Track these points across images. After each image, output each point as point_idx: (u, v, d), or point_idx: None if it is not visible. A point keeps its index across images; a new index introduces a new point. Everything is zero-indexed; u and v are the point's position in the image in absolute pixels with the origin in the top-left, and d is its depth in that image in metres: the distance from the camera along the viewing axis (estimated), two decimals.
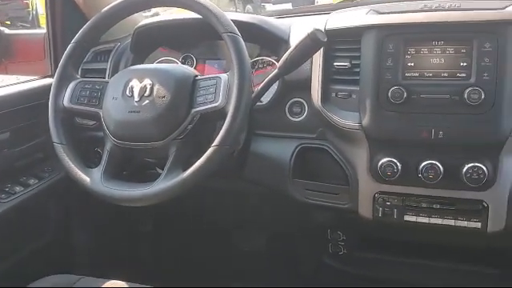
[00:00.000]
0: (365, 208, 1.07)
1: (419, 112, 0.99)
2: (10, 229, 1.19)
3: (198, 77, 1.01)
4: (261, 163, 1.18)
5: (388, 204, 1.05)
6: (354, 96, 1.06)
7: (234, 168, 1.19)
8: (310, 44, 0.97)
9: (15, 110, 1.23)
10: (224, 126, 0.91)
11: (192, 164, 0.92)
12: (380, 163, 1.02)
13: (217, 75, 0.98)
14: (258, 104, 1.13)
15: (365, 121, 1.03)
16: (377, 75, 1.01)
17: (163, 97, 0.97)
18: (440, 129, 0.98)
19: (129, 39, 1.32)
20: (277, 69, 1.02)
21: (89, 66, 1.34)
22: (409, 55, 1.00)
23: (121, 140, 1.00)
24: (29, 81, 1.36)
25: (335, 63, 1.08)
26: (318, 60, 1.09)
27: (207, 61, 1.32)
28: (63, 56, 1.09)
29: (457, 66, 0.98)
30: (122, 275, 1.05)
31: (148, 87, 0.98)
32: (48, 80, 1.35)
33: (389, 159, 1.02)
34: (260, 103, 1.15)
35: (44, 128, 1.10)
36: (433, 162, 0.99)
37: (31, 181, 1.25)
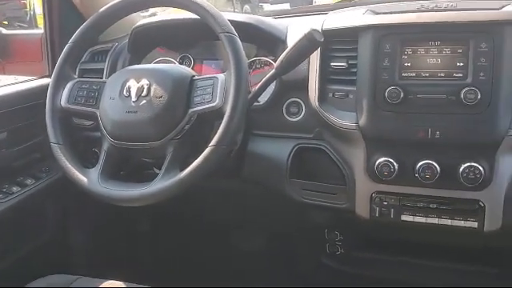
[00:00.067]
0: (362, 208, 1.07)
1: (416, 112, 1.00)
2: (8, 229, 1.19)
3: (196, 77, 1.01)
4: (258, 163, 1.19)
5: (385, 204, 1.05)
6: (351, 96, 1.06)
7: (232, 168, 1.19)
8: (307, 44, 0.98)
9: (12, 110, 1.23)
10: (221, 126, 0.91)
11: (189, 164, 0.92)
12: (377, 163, 1.02)
13: (214, 75, 0.98)
14: (256, 104, 1.13)
15: (362, 121, 1.03)
16: (374, 75, 1.01)
17: (160, 97, 0.97)
18: (437, 129, 0.98)
19: (126, 39, 1.32)
20: (274, 69, 1.02)
21: (86, 66, 1.34)
22: (405, 55, 1.00)
23: (118, 140, 1.00)
24: (26, 81, 1.35)
25: (332, 63, 1.09)
26: (315, 60, 1.09)
27: (205, 61, 1.32)
28: (60, 56, 1.09)
29: (453, 66, 0.98)
30: (120, 275, 1.05)
31: (145, 87, 0.98)
32: (45, 80, 1.35)
33: (386, 159, 1.02)
34: (257, 103, 1.15)
35: (41, 128, 1.09)
36: (429, 162, 0.99)
37: (28, 181, 1.25)
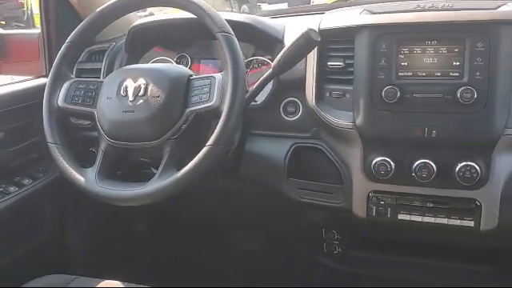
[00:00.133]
0: (359, 207, 1.07)
1: (412, 111, 1.00)
2: (5, 229, 1.19)
3: (193, 76, 1.01)
4: (256, 162, 1.19)
5: (382, 203, 1.05)
6: (348, 95, 1.06)
7: (229, 168, 1.19)
8: (304, 44, 0.98)
9: (9, 110, 1.22)
10: (218, 126, 0.91)
11: (186, 164, 0.92)
12: (374, 162, 1.03)
13: (211, 75, 0.98)
14: (253, 103, 1.13)
15: (358, 120, 1.03)
16: (370, 75, 1.02)
17: (157, 96, 0.97)
18: (433, 128, 0.98)
19: (123, 39, 1.32)
20: (271, 68, 1.02)
21: (83, 66, 1.34)
22: (402, 55, 1.01)
23: (115, 140, 1.00)
24: (23, 81, 1.35)
25: (329, 63, 1.09)
26: (312, 60, 1.09)
27: (202, 60, 1.32)
28: (57, 56, 1.09)
29: (449, 66, 0.98)
30: (117, 275, 1.05)
31: (142, 87, 0.98)
32: (42, 80, 1.35)
33: (382, 158, 1.02)
34: (254, 103, 1.15)
35: (38, 128, 1.09)
36: (426, 161, 0.99)
37: (25, 181, 1.25)
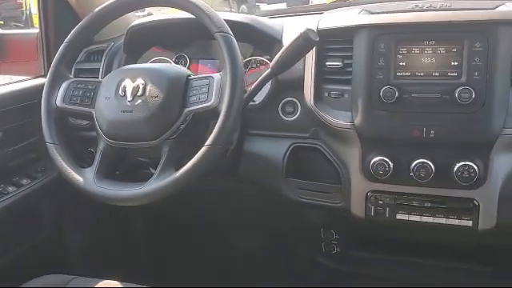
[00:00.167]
0: (357, 207, 1.07)
1: (411, 111, 1.00)
2: (3, 229, 1.19)
3: (191, 76, 1.01)
4: (254, 162, 1.19)
5: (380, 203, 1.05)
6: (347, 95, 1.07)
7: (228, 167, 1.19)
8: (303, 44, 0.98)
9: (8, 110, 1.22)
10: (217, 126, 0.91)
11: (185, 164, 0.92)
12: (372, 162, 1.03)
13: (209, 75, 0.98)
14: (251, 103, 1.13)
15: (357, 120, 1.03)
16: (369, 75, 1.02)
17: (156, 96, 0.97)
18: (431, 128, 0.99)
19: (122, 39, 1.32)
20: (270, 68, 1.02)
21: (82, 66, 1.34)
22: (400, 55, 1.01)
23: (114, 140, 1.00)
24: (22, 81, 1.35)
25: (327, 63, 1.09)
26: (311, 60, 1.09)
27: (200, 60, 1.32)
28: (56, 56, 1.09)
29: (448, 66, 0.98)
30: (116, 275, 1.05)
31: (141, 87, 0.98)
32: (41, 80, 1.34)
33: (381, 158, 1.02)
34: (253, 103, 1.15)
35: (37, 128, 1.09)
36: (424, 161, 0.99)
37: (24, 181, 1.25)
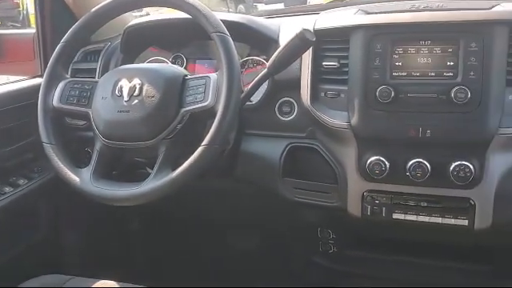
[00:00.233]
0: (354, 206, 1.07)
1: (407, 111, 1.00)
2: (0, 229, 1.18)
3: (188, 76, 1.01)
4: (251, 162, 1.19)
5: (376, 202, 1.06)
6: (343, 95, 1.07)
7: (225, 167, 1.19)
8: (299, 44, 0.98)
9: (4, 110, 1.22)
10: (213, 126, 0.91)
11: (181, 164, 0.92)
12: (368, 162, 1.03)
13: (206, 75, 0.98)
14: (248, 103, 1.13)
15: (353, 120, 1.04)
16: (365, 75, 1.02)
17: (152, 96, 0.97)
18: (427, 127, 0.99)
19: (119, 39, 1.32)
20: (266, 68, 1.03)
21: (79, 66, 1.34)
22: (396, 55, 1.01)
23: (110, 140, 1.00)
24: (18, 81, 1.35)
25: (324, 63, 1.09)
26: (307, 60, 1.09)
27: (197, 60, 1.32)
28: (52, 56, 1.08)
29: (444, 66, 0.99)
30: (113, 275, 1.05)
31: (137, 87, 0.98)
32: (37, 80, 1.34)
33: (377, 158, 1.02)
34: (250, 103, 1.15)
35: (34, 128, 1.09)
36: (420, 161, 1.00)
37: (21, 181, 1.25)
